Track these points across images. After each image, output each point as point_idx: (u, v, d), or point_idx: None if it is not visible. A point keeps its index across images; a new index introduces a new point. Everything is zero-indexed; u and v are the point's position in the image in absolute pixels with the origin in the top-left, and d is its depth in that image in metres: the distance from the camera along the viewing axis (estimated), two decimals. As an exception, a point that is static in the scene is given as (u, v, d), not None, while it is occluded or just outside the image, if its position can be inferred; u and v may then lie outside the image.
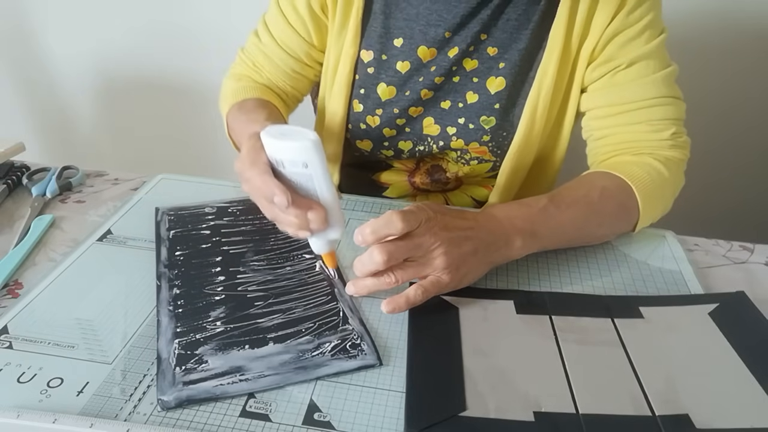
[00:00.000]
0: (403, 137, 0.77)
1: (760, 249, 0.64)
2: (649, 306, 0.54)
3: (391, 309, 0.51)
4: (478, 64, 0.72)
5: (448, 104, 0.74)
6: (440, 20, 0.69)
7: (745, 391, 0.45)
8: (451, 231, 0.52)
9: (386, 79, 0.73)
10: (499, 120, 0.73)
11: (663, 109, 0.67)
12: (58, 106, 1.60)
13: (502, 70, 0.71)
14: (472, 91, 0.73)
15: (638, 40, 0.66)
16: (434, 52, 0.71)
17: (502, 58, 0.71)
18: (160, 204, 0.68)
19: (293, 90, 0.81)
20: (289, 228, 0.52)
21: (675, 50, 0.70)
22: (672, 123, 0.67)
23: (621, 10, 0.65)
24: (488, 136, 0.74)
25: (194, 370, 0.46)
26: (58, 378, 0.45)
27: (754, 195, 1.41)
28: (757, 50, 1.22)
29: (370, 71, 0.74)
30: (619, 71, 0.67)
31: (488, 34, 0.70)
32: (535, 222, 0.57)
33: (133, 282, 0.56)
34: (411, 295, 0.51)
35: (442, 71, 0.71)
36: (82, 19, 1.43)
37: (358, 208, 0.69)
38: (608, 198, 0.61)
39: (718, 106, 1.29)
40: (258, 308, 0.52)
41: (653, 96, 0.66)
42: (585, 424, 0.42)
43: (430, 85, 0.72)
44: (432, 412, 0.42)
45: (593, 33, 0.67)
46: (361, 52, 0.73)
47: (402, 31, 0.71)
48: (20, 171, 0.74)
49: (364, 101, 0.75)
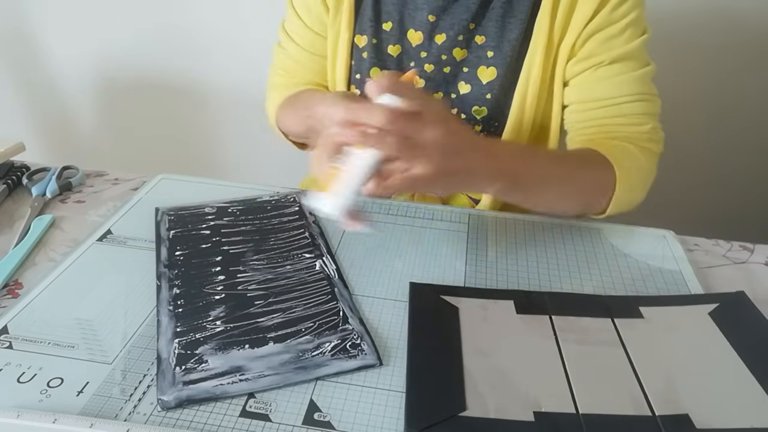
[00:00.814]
0: None
1: (760, 249, 0.64)
2: (649, 306, 0.54)
3: (370, 190, 0.48)
4: (467, 54, 0.73)
5: (441, 95, 0.75)
6: (425, 3, 0.71)
7: (745, 391, 0.45)
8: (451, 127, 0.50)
9: (378, 63, 0.75)
10: (490, 110, 0.74)
11: (642, 105, 0.68)
12: (58, 107, 1.60)
13: (492, 59, 0.72)
14: (464, 82, 0.74)
15: (620, 38, 0.67)
16: (421, 37, 0.72)
17: (491, 47, 0.72)
18: (160, 204, 0.68)
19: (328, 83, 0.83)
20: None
21: (674, 49, 0.70)
22: (650, 118, 0.69)
23: (604, 7, 0.66)
24: (480, 126, 0.75)
25: (194, 369, 0.46)
26: (58, 378, 0.45)
27: (754, 195, 1.41)
28: (758, 48, 1.22)
29: (364, 56, 0.76)
30: (601, 68, 0.68)
31: (476, 23, 0.71)
32: (516, 154, 0.58)
33: (133, 282, 0.56)
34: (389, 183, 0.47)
35: (433, 59, 0.73)
36: (82, 20, 1.43)
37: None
38: (585, 165, 0.64)
39: (717, 105, 1.29)
40: (258, 307, 0.52)
41: (633, 93, 0.68)
42: (585, 424, 0.42)
43: (421, 72, 0.74)
44: (432, 412, 0.42)
45: (573, 28, 0.68)
46: (356, 37, 0.75)
47: (390, 15, 0.73)
48: (20, 171, 0.74)
49: (360, 86, 0.77)
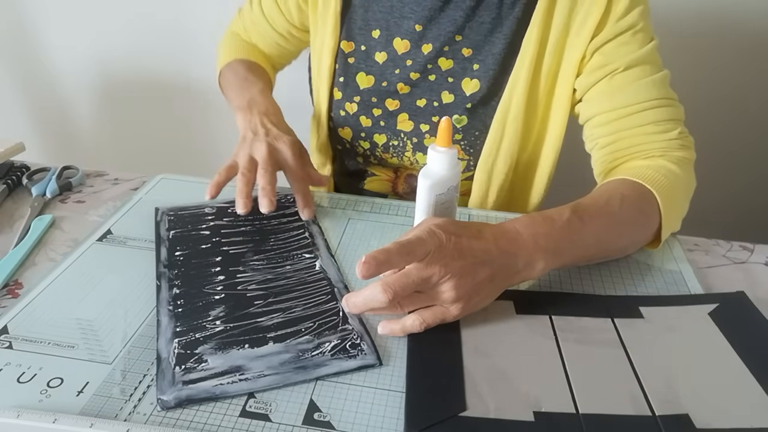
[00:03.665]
0: (378, 130, 0.79)
1: (760, 249, 0.64)
2: (649, 306, 0.54)
3: (387, 332, 0.49)
4: (453, 64, 0.73)
5: (424, 102, 0.76)
6: (411, 12, 0.72)
7: (745, 391, 0.45)
8: (465, 258, 0.48)
9: (365, 68, 0.77)
10: (469, 119, 0.74)
11: (667, 110, 0.66)
12: (58, 106, 1.60)
13: (477, 72, 0.72)
14: (448, 91, 0.74)
15: (632, 45, 0.66)
16: (408, 45, 0.73)
17: (477, 60, 0.72)
18: (160, 204, 0.68)
19: (278, 57, 0.92)
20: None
21: (673, 49, 0.70)
22: (677, 123, 0.66)
23: (608, 19, 0.65)
24: (460, 134, 0.75)
25: (194, 369, 0.46)
26: (58, 378, 0.45)
27: (754, 195, 1.41)
28: (759, 48, 1.22)
29: (350, 61, 0.77)
30: (617, 74, 0.66)
31: (462, 36, 0.72)
32: (558, 239, 0.52)
33: (133, 282, 0.56)
34: (408, 325, 0.49)
35: (418, 67, 0.74)
36: (82, 20, 1.43)
37: (358, 208, 0.69)
38: (629, 206, 0.58)
39: (717, 105, 1.29)
40: (258, 307, 0.52)
41: (655, 97, 0.65)
42: (585, 424, 0.42)
43: (406, 79, 0.75)
44: (432, 412, 0.42)
45: (577, 45, 0.67)
46: (342, 42, 0.77)
47: (379, 23, 0.74)
48: (20, 171, 0.74)
49: (343, 89, 0.79)
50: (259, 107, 0.73)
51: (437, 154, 0.53)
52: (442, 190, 0.54)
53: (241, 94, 0.77)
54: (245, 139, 0.68)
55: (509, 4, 0.69)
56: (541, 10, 0.68)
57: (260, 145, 0.65)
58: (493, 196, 0.79)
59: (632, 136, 0.66)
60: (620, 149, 0.67)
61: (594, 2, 0.65)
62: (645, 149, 0.66)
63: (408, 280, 0.46)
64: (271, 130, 0.68)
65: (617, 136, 0.67)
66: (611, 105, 0.67)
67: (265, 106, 0.73)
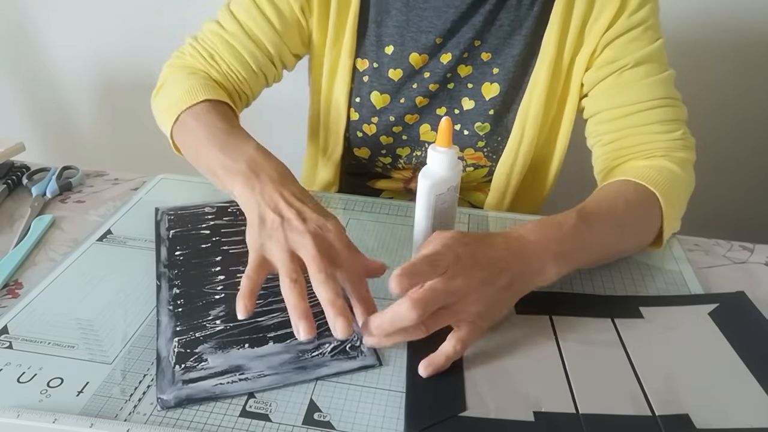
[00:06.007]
0: (401, 144, 0.77)
1: (760, 249, 0.64)
2: (649, 306, 0.54)
3: (432, 371, 0.45)
4: (472, 70, 0.72)
5: (444, 111, 0.74)
6: (431, 27, 0.69)
7: (745, 391, 0.45)
8: (484, 267, 0.46)
9: (379, 87, 0.73)
10: (493, 126, 0.73)
11: (672, 110, 0.66)
12: (58, 106, 1.59)
13: (497, 75, 0.71)
14: (468, 98, 0.73)
15: (642, 41, 0.65)
16: (426, 59, 0.71)
17: (496, 63, 0.71)
18: (160, 204, 0.68)
19: (248, 89, 0.74)
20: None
21: (674, 49, 0.70)
22: (681, 123, 0.66)
23: (622, 13, 0.65)
24: (483, 141, 0.74)
25: (194, 368, 0.46)
26: (58, 378, 0.45)
27: (754, 195, 1.41)
28: (759, 47, 1.22)
29: (365, 80, 0.74)
30: (626, 71, 0.66)
31: (482, 40, 0.70)
32: (567, 243, 0.52)
33: (133, 282, 0.56)
34: (451, 352, 0.45)
35: (437, 78, 0.71)
36: (82, 20, 1.43)
37: (357, 208, 0.69)
38: (633, 209, 0.58)
39: (717, 104, 1.29)
40: (258, 306, 0.52)
41: (662, 96, 0.65)
42: (585, 424, 0.42)
43: (425, 92, 0.72)
44: (432, 412, 0.42)
45: (590, 39, 0.67)
46: (357, 60, 0.73)
47: (392, 39, 0.71)
48: (20, 171, 0.74)
49: (359, 109, 0.76)
50: (268, 173, 0.54)
51: (437, 154, 0.53)
52: (442, 190, 0.54)
53: (228, 154, 0.58)
54: (264, 223, 0.50)
55: (528, 4, 0.68)
56: (560, 7, 0.67)
57: (301, 239, 0.48)
58: (509, 197, 0.79)
59: (637, 134, 0.66)
60: (624, 147, 0.67)
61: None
62: (648, 148, 0.65)
63: (435, 294, 0.43)
64: (304, 213, 0.51)
65: (622, 133, 0.67)
66: (618, 102, 0.67)
67: (276, 171, 0.55)
